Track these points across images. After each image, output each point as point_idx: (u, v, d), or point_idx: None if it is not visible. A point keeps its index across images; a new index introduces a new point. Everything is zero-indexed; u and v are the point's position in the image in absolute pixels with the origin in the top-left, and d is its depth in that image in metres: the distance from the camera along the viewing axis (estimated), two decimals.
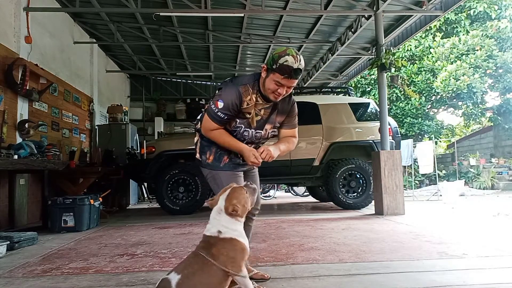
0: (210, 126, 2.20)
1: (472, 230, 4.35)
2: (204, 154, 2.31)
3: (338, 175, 6.51)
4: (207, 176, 2.33)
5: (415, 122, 13.96)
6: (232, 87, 2.16)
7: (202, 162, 2.32)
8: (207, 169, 2.31)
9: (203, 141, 2.31)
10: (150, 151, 6.76)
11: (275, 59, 2.06)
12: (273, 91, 2.12)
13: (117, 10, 7.83)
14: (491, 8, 13.27)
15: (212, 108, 2.15)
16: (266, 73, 2.11)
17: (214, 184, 2.29)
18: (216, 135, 2.21)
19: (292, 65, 2.03)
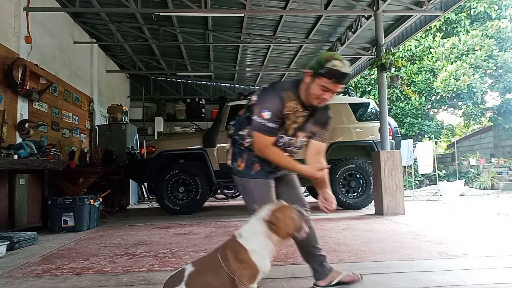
0: (266, 141, 2.05)
1: (472, 230, 4.35)
2: (235, 161, 2.22)
3: (338, 175, 6.51)
4: (237, 184, 2.26)
5: (415, 122, 13.95)
6: (273, 94, 2.07)
7: (233, 170, 2.25)
8: (237, 177, 2.22)
9: (234, 148, 2.23)
10: (150, 151, 6.76)
11: (322, 63, 2.00)
12: (318, 96, 2.05)
13: (117, 10, 7.83)
14: (491, 8, 13.27)
15: (259, 121, 2.01)
16: (312, 78, 2.03)
17: (244, 193, 2.23)
18: (274, 155, 2.09)
19: (340, 69, 1.98)
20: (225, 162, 2.35)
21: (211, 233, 4.42)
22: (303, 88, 2.09)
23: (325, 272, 2.26)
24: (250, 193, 2.15)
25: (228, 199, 9.71)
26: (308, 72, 2.05)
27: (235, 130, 2.23)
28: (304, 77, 2.08)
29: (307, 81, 2.06)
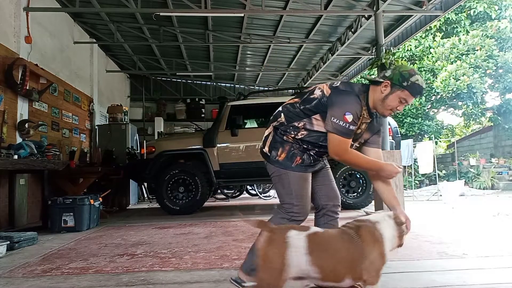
0: (347, 145, 2.00)
1: (472, 230, 4.35)
2: (275, 150, 2.15)
3: (338, 175, 6.50)
4: (272, 174, 2.19)
5: (415, 122, 13.95)
6: (353, 96, 2.02)
7: (270, 158, 2.17)
8: (274, 166, 2.16)
9: (277, 136, 2.17)
10: (150, 151, 6.76)
11: (405, 76, 1.98)
12: (394, 107, 2.04)
13: (117, 10, 7.83)
14: (491, 8, 13.27)
15: (342, 125, 1.95)
16: (391, 89, 2.01)
17: (280, 184, 2.17)
18: (354, 157, 2.04)
19: (422, 85, 2.02)
20: (225, 162, 2.32)
21: (211, 233, 4.42)
22: (376, 97, 2.06)
23: None
24: (287, 185, 2.13)
25: (228, 199, 9.71)
26: (387, 82, 2.02)
27: (288, 121, 2.14)
28: (378, 86, 2.04)
29: (386, 92, 2.02)
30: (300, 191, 2.12)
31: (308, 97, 2.13)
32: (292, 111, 2.15)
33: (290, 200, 2.12)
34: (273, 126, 2.21)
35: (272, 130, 2.21)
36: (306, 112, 2.10)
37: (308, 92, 2.18)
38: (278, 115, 2.21)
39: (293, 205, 2.12)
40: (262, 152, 2.26)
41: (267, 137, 2.23)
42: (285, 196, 2.15)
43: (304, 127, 2.10)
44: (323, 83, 2.20)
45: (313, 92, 2.13)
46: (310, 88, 2.22)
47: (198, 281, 2.49)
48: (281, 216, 2.17)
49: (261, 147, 2.26)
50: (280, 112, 2.21)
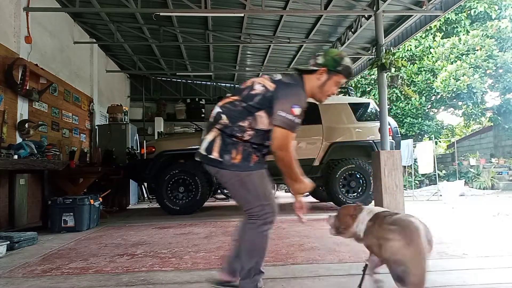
0: (291, 140, 1.94)
1: (472, 230, 4.35)
2: (228, 153, 1.97)
3: (338, 175, 6.51)
4: (230, 180, 2.01)
5: (415, 122, 13.95)
6: (299, 88, 2.02)
7: (224, 163, 1.97)
8: (231, 171, 1.98)
9: (227, 139, 1.99)
10: (150, 151, 6.76)
11: (338, 61, 2.03)
12: (331, 93, 2.11)
13: (117, 10, 7.83)
14: (492, 8, 13.27)
15: (290, 118, 1.90)
16: (327, 76, 2.05)
17: (243, 189, 2.00)
18: (292, 157, 1.97)
19: (352, 66, 2.12)
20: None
21: (211, 233, 4.42)
22: (313, 85, 2.07)
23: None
24: (252, 188, 1.98)
25: (228, 199, 9.71)
26: (323, 69, 2.04)
27: (232, 121, 1.99)
28: (313, 74, 2.06)
29: (323, 79, 2.05)
30: (265, 190, 2.02)
31: (249, 94, 2.02)
32: (234, 110, 2.01)
33: (258, 202, 1.98)
34: (218, 130, 2.03)
35: (218, 134, 2.02)
36: (250, 110, 1.99)
37: (246, 88, 2.06)
38: (218, 117, 2.03)
39: (263, 206, 1.98)
40: (208, 159, 2.02)
41: (213, 142, 2.02)
42: (252, 200, 1.99)
43: (250, 126, 1.98)
44: (260, 81, 2.08)
45: (253, 88, 2.03)
46: (246, 83, 2.11)
47: (198, 281, 2.49)
48: (253, 225, 2.00)
49: (205, 154, 2.03)
50: (221, 113, 2.03)
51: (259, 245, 2.00)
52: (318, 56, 2.10)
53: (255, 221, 2.00)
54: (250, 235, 2.02)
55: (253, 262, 1.98)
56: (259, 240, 1.99)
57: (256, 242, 2.00)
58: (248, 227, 2.03)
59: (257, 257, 2.00)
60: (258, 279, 2.02)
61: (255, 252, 2.00)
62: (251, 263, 1.98)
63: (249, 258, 2.00)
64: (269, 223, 2.02)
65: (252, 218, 2.01)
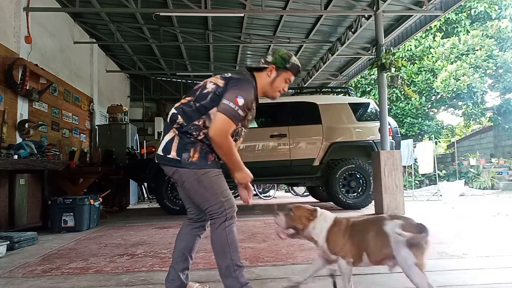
0: (230, 128, 1.96)
1: (472, 230, 4.35)
2: (186, 152, 2.00)
3: (338, 175, 6.50)
4: (188, 179, 2.02)
5: (415, 122, 13.96)
6: (249, 84, 2.08)
7: (181, 162, 2.00)
8: (189, 170, 2.00)
9: (185, 138, 2.02)
10: (150, 151, 6.76)
11: (286, 59, 2.16)
12: (281, 88, 2.21)
13: (117, 10, 7.83)
14: (492, 8, 13.27)
15: (232, 106, 1.94)
16: (277, 73, 2.16)
17: (201, 188, 2.02)
18: (230, 145, 2.00)
19: (299, 64, 2.23)
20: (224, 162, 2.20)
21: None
22: (263, 82, 2.17)
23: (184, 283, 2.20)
24: (209, 186, 2.01)
25: None
26: (272, 67, 2.15)
27: (187, 121, 2.03)
28: (263, 72, 2.17)
29: (272, 75, 2.16)
30: (222, 187, 2.06)
31: (201, 93, 2.07)
32: (188, 111, 2.06)
33: (217, 199, 2.01)
34: (175, 129, 2.05)
35: (175, 134, 2.05)
36: (202, 110, 2.03)
37: (199, 88, 2.11)
38: (174, 117, 2.07)
39: (223, 203, 2.01)
40: (165, 159, 2.04)
41: (171, 142, 2.05)
42: (210, 198, 2.01)
43: (204, 124, 2.02)
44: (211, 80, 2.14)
45: (205, 87, 2.08)
46: (200, 84, 2.16)
47: (198, 281, 2.48)
48: (214, 225, 2.03)
49: (163, 154, 2.05)
50: (176, 114, 2.07)
51: (226, 241, 2.00)
52: (267, 55, 2.22)
53: (216, 220, 2.02)
54: (215, 235, 2.03)
55: (228, 259, 1.99)
56: (225, 237, 2.00)
57: (223, 239, 2.01)
58: (211, 228, 2.06)
59: (229, 253, 1.99)
60: (241, 274, 2.01)
61: (226, 249, 2.00)
62: (226, 261, 1.99)
63: (222, 256, 2.00)
64: (230, 218, 2.04)
65: (213, 217, 2.03)
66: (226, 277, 2.00)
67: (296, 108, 6.83)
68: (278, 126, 6.69)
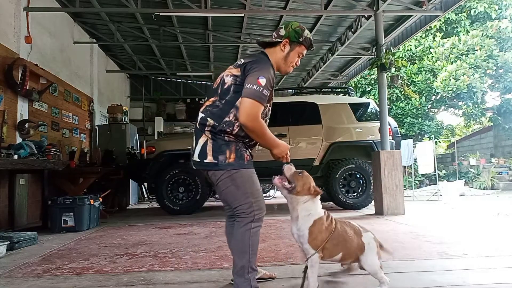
0: (259, 110, 1.94)
1: (472, 230, 4.35)
2: (222, 154, 1.99)
3: (338, 175, 6.51)
4: (221, 178, 2.02)
5: (415, 122, 13.96)
6: (267, 62, 2.08)
7: (219, 164, 1.99)
8: (225, 171, 2.00)
9: (219, 140, 2.01)
10: (150, 151, 6.76)
11: (299, 32, 2.13)
12: (294, 63, 2.20)
13: (117, 10, 7.83)
14: (492, 8, 13.28)
15: (256, 88, 1.92)
16: (290, 47, 2.15)
17: (233, 187, 2.01)
18: (263, 127, 2.00)
19: (311, 38, 2.21)
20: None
21: (211, 233, 4.42)
22: (277, 57, 2.16)
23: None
24: (241, 185, 2.01)
25: None
26: (285, 41, 2.13)
27: (218, 120, 2.01)
28: (276, 47, 2.15)
29: (286, 50, 2.15)
30: (255, 187, 2.05)
31: (223, 89, 2.05)
32: (215, 111, 2.04)
33: (246, 200, 2.00)
34: (208, 132, 2.04)
35: (208, 137, 2.04)
36: (229, 104, 2.01)
37: (218, 85, 2.09)
38: (203, 121, 2.05)
39: (252, 203, 2.01)
40: (203, 165, 2.05)
41: (205, 146, 2.04)
42: (240, 197, 2.01)
43: (236, 117, 1.99)
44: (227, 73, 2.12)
45: (224, 82, 2.07)
46: (217, 81, 2.14)
47: (198, 281, 2.49)
48: (240, 223, 2.02)
49: (200, 160, 2.05)
50: (205, 117, 2.05)
51: (248, 243, 1.99)
52: (280, 29, 2.18)
53: (243, 219, 2.02)
54: (238, 233, 2.02)
55: (244, 260, 1.98)
56: (248, 238, 1.99)
57: (245, 239, 2.00)
58: (236, 225, 2.05)
59: (248, 254, 1.99)
60: (253, 277, 2.02)
61: (245, 249, 1.99)
62: (242, 261, 1.99)
63: (240, 255, 2.00)
64: (257, 221, 2.04)
65: (241, 216, 2.02)
66: (239, 276, 2.00)
67: (296, 108, 6.83)
68: (278, 126, 6.69)
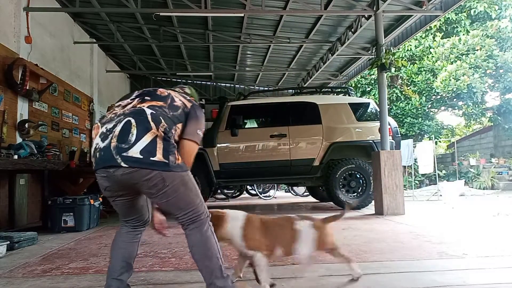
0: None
1: (472, 230, 4.35)
2: (172, 155, 1.90)
3: (338, 175, 6.50)
4: (174, 181, 1.89)
5: (415, 122, 13.96)
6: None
7: (170, 164, 1.87)
8: (176, 172, 1.90)
9: (171, 141, 1.93)
10: None
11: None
12: None
13: (117, 10, 7.83)
14: (492, 8, 13.28)
15: (201, 135, 2.08)
16: None
17: (186, 189, 1.95)
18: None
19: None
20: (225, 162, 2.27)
21: None
22: None
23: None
24: (192, 186, 1.98)
25: (228, 199, 9.71)
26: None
27: (169, 126, 1.94)
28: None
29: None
30: (197, 187, 2.07)
31: (172, 104, 2.03)
32: (165, 116, 1.96)
33: (197, 200, 1.99)
34: (161, 132, 1.91)
35: (158, 136, 1.89)
36: (174, 120, 1.98)
37: (166, 97, 2.06)
38: (158, 119, 1.92)
39: (201, 203, 2.02)
40: (148, 163, 1.83)
41: (153, 143, 1.86)
42: (194, 198, 1.98)
43: (176, 134, 1.98)
44: (170, 88, 2.23)
45: (174, 100, 2.05)
46: (162, 91, 2.10)
47: (198, 281, 2.48)
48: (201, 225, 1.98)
49: (143, 156, 1.83)
50: (157, 116, 1.93)
51: (215, 242, 1.97)
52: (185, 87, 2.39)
53: (201, 221, 1.98)
54: (204, 238, 1.97)
55: (218, 260, 1.94)
56: (213, 238, 1.98)
57: (211, 240, 1.97)
58: (194, 232, 1.97)
59: (218, 253, 1.96)
60: (228, 274, 1.98)
61: (215, 250, 1.95)
62: (216, 262, 1.93)
63: (212, 258, 1.94)
64: (208, 220, 2.03)
65: (197, 219, 1.97)
66: (218, 278, 1.92)
67: (296, 108, 6.83)
68: (278, 126, 6.69)
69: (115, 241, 2.17)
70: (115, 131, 1.86)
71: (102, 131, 1.92)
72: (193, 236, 1.96)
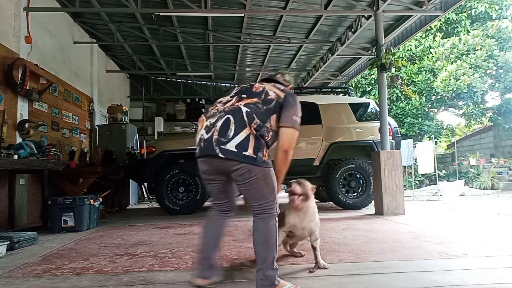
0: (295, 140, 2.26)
1: (472, 230, 4.35)
2: (260, 151, 2.14)
3: (338, 175, 6.50)
4: (256, 175, 2.12)
5: (415, 122, 13.95)
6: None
7: (257, 160, 2.11)
8: (259, 167, 2.13)
9: (260, 140, 2.16)
10: (150, 151, 6.76)
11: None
12: None
13: (117, 10, 7.83)
14: (492, 8, 13.27)
15: (298, 121, 2.26)
16: None
17: (265, 184, 2.16)
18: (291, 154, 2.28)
19: None
20: None
21: None
22: None
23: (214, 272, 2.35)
24: (271, 183, 2.19)
25: None
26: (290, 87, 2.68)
27: (262, 122, 2.17)
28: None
29: None
30: (276, 186, 2.26)
31: (266, 98, 2.25)
32: (259, 112, 2.19)
33: (273, 196, 2.20)
34: (254, 129, 2.15)
35: (252, 133, 2.13)
36: (269, 112, 2.21)
37: (260, 92, 2.29)
38: (251, 116, 2.15)
39: (275, 200, 2.21)
40: (241, 156, 2.09)
41: (246, 140, 2.11)
42: (269, 194, 2.19)
43: (270, 128, 2.21)
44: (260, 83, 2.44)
45: (268, 93, 2.27)
46: (256, 87, 2.33)
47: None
48: (263, 219, 2.17)
49: (237, 151, 2.10)
50: (251, 113, 2.16)
51: (276, 237, 2.16)
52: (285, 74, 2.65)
53: (268, 215, 2.18)
54: (267, 229, 2.16)
55: (273, 252, 2.13)
56: (275, 232, 2.17)
57: (273, 234, 2.16)
58: (260, 221, 2.18)
59: (275, 247, 2.15)
60: (277, 267, 2.17)
61: (274, 243, 2.14)
62: (272, 254, 2.12)
63: (269, 249, 2.13)
64: (276, 216, 2.22)
65: (266, 212, 2.17)
66: (268, 269, 2.11)
67: None
68: None
69: (206, 224, 2.43)
70: (217, 126, 2.16)
71: (206, 124, 2.23)
72: (258, 224, 2.18)
